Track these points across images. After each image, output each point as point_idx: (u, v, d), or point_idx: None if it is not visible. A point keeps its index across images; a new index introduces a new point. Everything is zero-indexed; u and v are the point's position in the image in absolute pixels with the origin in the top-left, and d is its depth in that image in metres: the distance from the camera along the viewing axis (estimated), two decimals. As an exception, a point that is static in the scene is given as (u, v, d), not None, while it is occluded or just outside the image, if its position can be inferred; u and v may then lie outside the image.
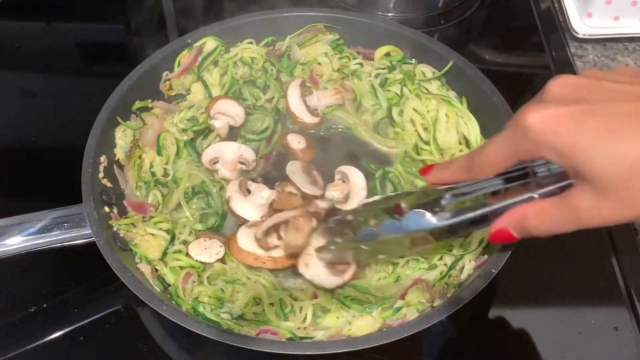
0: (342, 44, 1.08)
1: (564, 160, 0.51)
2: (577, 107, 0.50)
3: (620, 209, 0.51)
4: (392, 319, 0.76)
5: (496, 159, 0.58)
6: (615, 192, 0.49)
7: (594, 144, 0.49)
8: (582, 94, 0.52)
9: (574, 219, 0.54)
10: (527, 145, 0.53)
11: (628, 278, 0.88)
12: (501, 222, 0.61)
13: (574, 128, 0.50)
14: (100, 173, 0.88)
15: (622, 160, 0.48)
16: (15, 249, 0.80)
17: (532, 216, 0.58)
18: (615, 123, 0.48)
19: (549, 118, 0.51)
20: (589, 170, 0.50)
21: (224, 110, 0.99)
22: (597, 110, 0.50)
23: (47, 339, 0.84)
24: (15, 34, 1.30)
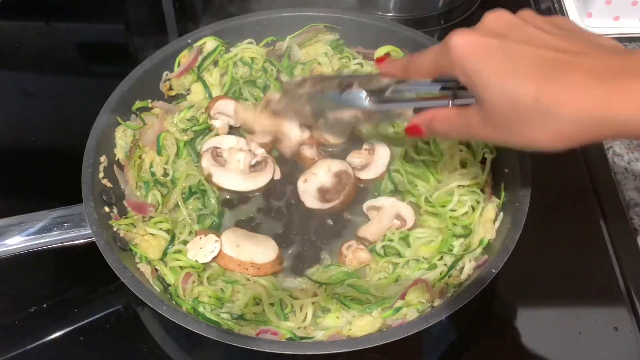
0: (342, 44, 1.08)
1: (468, 83, 0.59)
2: (493, 41, 0.58)
3: (496, 133, 0.60)
4: (392, 319, 0.76)
5: (424, 66, 0.66)
6: (496, 119, 0.59)
7: (492, 77, 0.57)
8: (505, 30, 0.59)
9: (465, 129, 0.64)
10: (446, 62, 0.61)
11: (628, 278, 0.88)
12: (417, 119, 0.71)
13: (483, 58, 0.57)
14: (100, 173, 0.88)
15: (507, 96, 0.56)
16: (15, 249, 0.80)
17: (438, 118, 0.68)
18: (515, 63, 0.56)
19: (467, 44, 0.58)
20: (483, 96, 0.58)
21: (224, 110, 0.99)
22: (507, 48, 0.57)
23: (47, 339, 0.84)
24: (15, 34, 1.30)
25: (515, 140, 0.59)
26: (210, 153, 0.94)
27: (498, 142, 0.63)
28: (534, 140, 0.57)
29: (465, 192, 0.89)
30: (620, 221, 0.94)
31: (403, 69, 0.70)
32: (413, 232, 0.88)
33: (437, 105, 0.69)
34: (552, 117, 0.54)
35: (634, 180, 0.99)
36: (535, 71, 0.55)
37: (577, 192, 0.99)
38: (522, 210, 0.80)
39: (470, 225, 0.87)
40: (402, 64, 0.71)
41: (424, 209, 0.90)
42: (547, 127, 0.55)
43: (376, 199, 0.92)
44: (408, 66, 0.69)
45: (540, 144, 0.57)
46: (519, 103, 0.55)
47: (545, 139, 0.56)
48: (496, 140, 0.62)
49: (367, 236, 0.88)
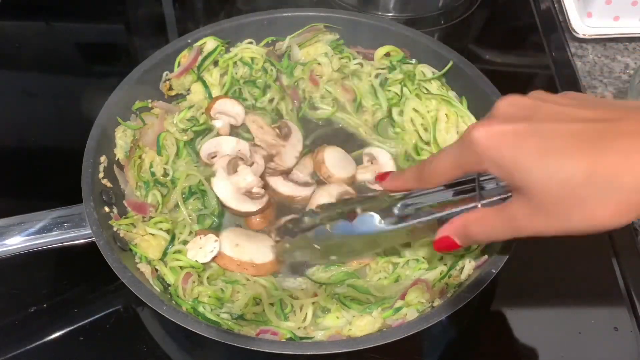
0: (342, 44, 1.08)
1: (504, 174, 0.54)
2: (520, 126, 0.53)
3: (550, 222, 0.54)
4: (392, 319, 0.76)
5: (444, 169, 0.61)
6: (547, 206, 0.53)
7: (532, 161, 0.52)
8: (527, 113, 0.55)
9: (510, 227, 0.58)
10: (471, 158, 0.56)
11: (628, 278, 0.88)
12: (444, 230, 0.64)
13: (515, 145, 0.53)
14: (100, 173, 0.88)
15: (555, 177, 0.51)
16: (15, 249, 0.80)
17: (472, 223, 0.61)
18: (553, 142, 0.51)
19: (493, 134, 0.54)
20: (526, 185, 0.53)
21: (225, 110, 0.99)
22: (538, 129, 0.53)
23: (47, 339, 0.84)
24: (15, 34, 1.30)
25: (574, 224, 0.53)
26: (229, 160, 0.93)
27: (554, 233, 0.56)
28: (596, 220, 0.52)
29: (465, 192, 0.89)
30: (620, 221, 0.94)
31: (416, 179, 0.66)
32: None
33: (464, 210, 0.63)
34: (613, 189, 0.50)
35: (634, 180, 0.99)
36: (579, 145, 0.51)
37: (577, 192, 0.99)
38: (522, 210, 0.79)
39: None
40: (413, 175, 0.66)
41: (424, 209, 0.90)
42: (609, 202, 0.50)
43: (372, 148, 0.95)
44: (422, 174, 0.64)
45: (604, 222, 0.52)
46: (570, 183, 0.50)
47: (609, 215, 0.51)
48: (552, 231, 0.55)
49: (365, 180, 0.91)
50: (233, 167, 0.92)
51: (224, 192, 0.91)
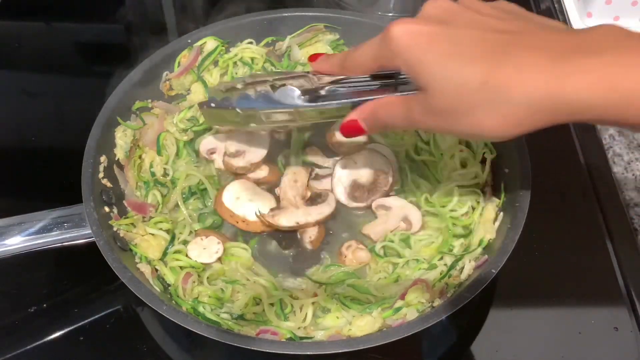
0: (342, 44, 1.08)
1: (411, 72, 0.57)
2: (435, 28, 0.56)
3: (441, 122, 0.57)
4: (392, 319, 0.76)
5: (363, 60, 0.63)
6: (441, 107, 0.56)
7: (436, 63, 0.54)
8: (446, 17, 0.58)
9: (407, 118, 0.61)
10: (387, 53, 0.58)
11: (628, 278, 0.88)
12: (353, 113, 0.66)
13: (425, 46, 0.55)
14: (100, 173, 0.88)
15: (452, 81, 0.54)
16: (15, 249, 0.80)
17: (380, 107, 0.64)
18: (459, 48, 0.54)
19: (409, 33, 0.56)
20: (427, 84, 0.56)
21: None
22: (450, 34, 0.55)
23: (47, 339, 0.84)
24: (15, 34, 1.30)
25: (462, 128, 0.56)
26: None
27: (443, 131, 0.61)
28: (482, 128, 0.54)
29: (465, 192, 0.89)
30: (620, 221, 0.94)
31: (339, 65, 0.67)
32: (414, 234, 0.88)
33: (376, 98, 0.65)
34: (501, 100, 0.52)
35: (634, 180, 0.99)
36: (481, 54, 0.53)
37: (577, 192, 0.99)
38: (522, 210, 0.79)
39: (470, 226, 0.87)
40: (338, 60, 0.67)
41: (424, 209, 0.90)
42: (496, 112, 0.52)
43: (386, 198, 0.91)
44: (345, 62, 0.66)
45: (489, 131, 0.54)
46: (465, 88, 0.53)
47: (495, 126, 0.53)
48: (441, 129, 0.59)
49: (370, 234, 0.88)
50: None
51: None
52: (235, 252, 0.87)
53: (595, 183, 0.99)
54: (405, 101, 0.61)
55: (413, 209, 0.90)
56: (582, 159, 1.03)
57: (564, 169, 1.02)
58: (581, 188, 0.99)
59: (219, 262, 0.85)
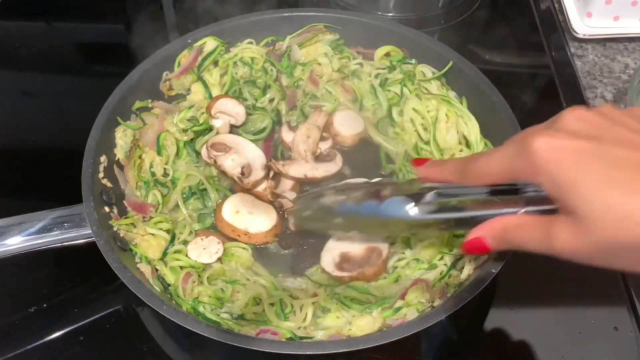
0: (342, 44, 1.08)
1: (559, 194, 0.51)
2: (586, 145, 0.50)
3: (594, 252, 0.51)
4: (392, 319, 0.76)
5: (492, 171, 0.57)
6: (599, 239, 0.50)
7: (593, 187, 0.49)
8: (594, 132, 0.51)
9: (548, 244, 0.54)
10: (526, 168, 0.53)
11: (628, 278, 0.88)
12: (478, 231, 0.61)
13: (578, 165, 0.49)
14: (100, 173, 0.88)
15: (614, 210, 0.48)
16: (15, 249, 0.80)
17: (512, 228, 0.58)
18: (619, 172, 0.48)
19: (556, 148, 0.50)
20: (580, 209, 0.50)
21: (225, 109, 0.99)
22: (604, 154, 0.49)
23: (47, 339, 0.84)
24: (15, 34, 1.30)
25: (624, 264, 0.51)
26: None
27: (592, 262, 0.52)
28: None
29: (465, 192, 0.89)
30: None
31: (458, 173, 0.61)
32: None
33: (503, 213, 0.59)
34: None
35: (634, 180, 0.99)
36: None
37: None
38: (522, 210, 0.79)
39: (470, 226, 0.87)
40: (456, 167, 0.61)
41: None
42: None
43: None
44: (465, 170, 0.60)
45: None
46: (630, 222, 0.47)
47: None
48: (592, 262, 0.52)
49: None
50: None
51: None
52: (236, 252, 0.87)
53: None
54: (544, 224, 0.55)
55: None
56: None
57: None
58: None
59: (219, 262, 0.85)
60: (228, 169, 0.91)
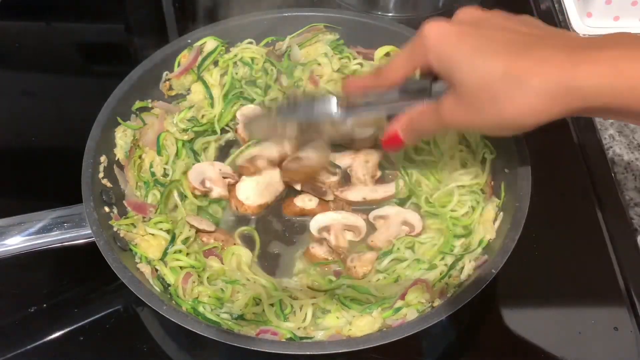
0: (342, 44, 1.08)
1: (441, 68, 0.61)
2: (466, 28, 0.61)
3: (468, 115, 0.61)
4: (392, 319, 0.76)
5: (398, 64, 0.67)
6: (467, 99, 0.60)
7: (463, 57, 0.59)
8: (476, 21, 0.62)
9: (438, 120, 0.65)
10: (420, 50, 0.63)
11: (628, 278, 0.88)
12: (392, 126, 0.71)
13: (456, 42, 0.60)
14: (100, 173, 0.88)
15: (477, 72, 0.58)
16: (15, 249, 0.80)
17: (415, 117, 0.68)
18: (486, 44, 0.58)
19: (441, 31, 0.61)
20: (455, 78, 0.60)
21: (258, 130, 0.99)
22: (478, 33, 0.60)
23: (47, 339, 0.84)
24: (15, 34, 1.30)
25: (488, 118, 0.60)
26: None
27: (471, 126, 0.66)
28: (504, 116, 0.58)
29: (465, 192, 0.89)
30: (620, 221, 0.94)
31: (373, 77, 0.71)
32: (417, 238, 0.88)
33: (412, 105, 0.68)
34: (521, 88, 0.56)
35: (634, 180, 0.99)
36: (505, 49, 0.58)
37: (577, 192, 0.99)
38: (522, 210, 0.80)
39: (470, 226, 0.87)
40: (372, 73, 0.71)
41: (424, 210, 0.90)
42: (516, 101, 0.57)
43: (381, 209, 0.91)
44: (379, 72, 0.70)
45: (511, 119, 0.58)
46: (488, 78, 0.57)
47: (516, 114, 0.58)
48: (469, 124, 0.63)
49: (377, 244, 0.88)
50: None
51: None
52: (236, 250, 0.87)
53: (595, 183, 0.99)
54: (434, 106, 0.65)
55: (409, 212, 0.90)
56: (582, 159, 1.03)
57: (564, 169, 1.02)
58: (581, 188, 0.99)
59: (219, 261, 0.86)
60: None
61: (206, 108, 1.02)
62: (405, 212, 0.90)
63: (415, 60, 0.65)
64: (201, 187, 0.92)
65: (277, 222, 0.92)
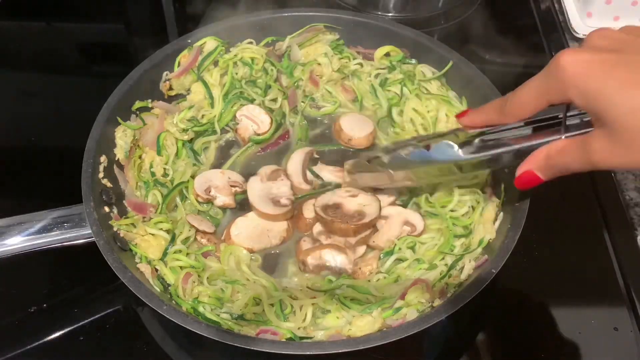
0: (342, 44, 1.08)
1: (588, 104, 0.54)
2: (609, 56, 0.53)
3: (628, 156, 0.54)
4: (392, 319, 0.76)
5: (527, 99, 0.60)
6: (628, 139, 0.52)
7: (617, 92, 0.52)
8: (617, 46, 0.55)
9: (587, 159, 0.57)
10: (557, 85, 0.56)
11: (628, 278, 0.88)
12: (525, 165, 0.64)
13: (602, 75, 0.52)
14: (100, 173, 0.88)
15: (637, 109, 0.51)
16: (15, 249, 0.80)
17: (554, 154, 0.61)
18: (638, 74, 0.51)
19: (581, 62, 0.54)
20: (608, 115, 0.53)
21: (252, 114, 0.99)
22: (627, 62, 0.52)
23: (47, 339, 0.84)
24: (15, 34, 1.30)
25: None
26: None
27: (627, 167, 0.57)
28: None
29: (465, 192, 0.89)
30: (620, 221, 0.94)
31: (496, 112, 0.65)
32: (418, 239, 0.88)
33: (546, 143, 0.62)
34: None
35: (634, 180, 0.99)
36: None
37: (577, 192, 0.99)
38: (522, 210, 0.80)
39: (470, 226, 0.87)
40: (494, 108, 0.65)
41: (425, 210, 0.90)
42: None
43: (382, 209, 0.90)
44: (503, 107, 0.63)
45: None
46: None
47: None
48: (626, 164, 0.55)
49: (379, 244, 0.88)
50: (274, 176, 0.93)
51: (254, 191, 0.91)
52: (234, 250, 0.87)
53: (595, 183, 0.99)
54: (581, 143, 0.58)
55: (411, 212, 0.90)
56: (582, 159, 1.03)
57: (564, 169, 1.02)
58: (581, 188, 0.99)
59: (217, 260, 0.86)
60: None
61: (206, 108, 1.02)
62: (407, 212, 0.90)
63: (551, 96, 0.58)
64: (204, 195, 0.92)
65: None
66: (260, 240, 0.89)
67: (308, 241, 0.88)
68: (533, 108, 0.61)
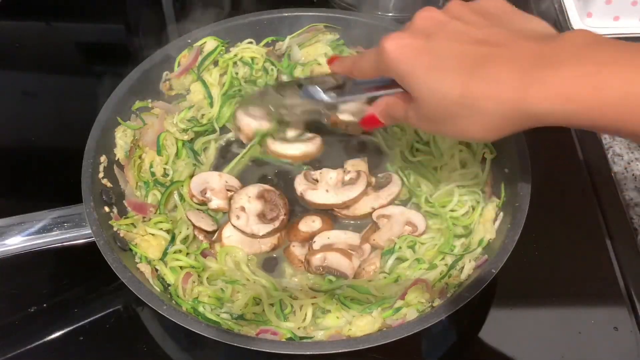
0: (342, 44, 1.08)
1: (402, 83, 0.64)
2: (420, 42, 0.62)
3: (431, 127, 0.66)
4: (392, 319, 0.76)
5: (367, 69, 0.70)
6: (429, 114, 0.63)
7: (420, 76, 0.61)
8: (432, 29, 0.62)
9: (406, 119, 0.68)
10: (382, 65, 0.64)
11: (628, 278, 0.88)
12: (371, 108, 0.74)
13: (412, 59, 0.61)
14: (100, 173, 0.88)
15: (435, 93, 0.60)
16: (15, 249, 0.80)
17: (391, 105, 0.70)
18: (441, 61, 0.60)
19: (399, 47, 0.62)
20: (415, 93, 0.63)
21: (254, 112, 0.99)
22: (433, 48, 0.61)
23: (47, 339, 0.84)
24: (15, 34, 1.30)
25: (449, 132, 0.64)
26: (303, 176, 0.94)
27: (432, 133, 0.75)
28: (466, 133, 0.62)
29: (465, 192, 0.89)
30: (620, 221, 0.94)
31: (350, 69, 0.73)
32: (418, 238, 0.88)
33: (390, 92, 0.70)
34: (478, 111, 0.58)
35: (634, 180, 0.99)
36: (458, 67, 0.58)
37: (577, 192, 0.99)
38: (522, 210, 0.80)
39: (470, 225, 0.87)
40: (349, 64, 0.74)
41: (425, 210, 0.90)
42: (475, 121, 0.59)
43: (385, 207, 0.91)
44: (353, 67, 0.72)
45: (472, 135, 0.61)
46: (446, 100, 0.59)
47: (476, 131, 0.60)
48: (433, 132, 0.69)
49: (379, 243, 0.88)
50: (312, 179, 0.94)
51: (327, 198, 0.91)
52: (230, 250, 0.87)
53: (595, 183, 0.99)
54: (404, 103, 0.67)
55: (413, 212, 0.90)
56: (582, 159, 1.03)
57: (564, 168, 1.02)
58: (581, 188, 0.99)
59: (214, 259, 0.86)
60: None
61: (206, 108, 1.02)
62: (409, 212, 0.90)
63: (379, 71, 0.67)
64: (200, 196, 0.91)
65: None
66: (251, 245, 0.88)
67: (297, 246, 0.88)
68: (371, 75, 0.70)
